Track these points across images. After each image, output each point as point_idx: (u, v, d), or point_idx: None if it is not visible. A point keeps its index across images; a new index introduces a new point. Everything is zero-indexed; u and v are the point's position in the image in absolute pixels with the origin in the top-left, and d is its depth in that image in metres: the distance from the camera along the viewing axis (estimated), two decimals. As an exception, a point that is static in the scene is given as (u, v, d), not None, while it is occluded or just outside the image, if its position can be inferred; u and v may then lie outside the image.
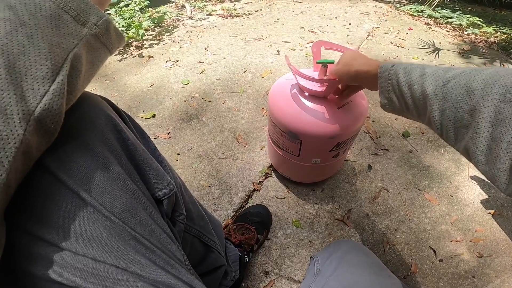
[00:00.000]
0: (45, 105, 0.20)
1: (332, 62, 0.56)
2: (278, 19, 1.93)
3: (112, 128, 0.27)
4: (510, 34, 1.96)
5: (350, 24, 1.89)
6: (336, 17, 2.00)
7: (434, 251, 0.74)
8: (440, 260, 0.73)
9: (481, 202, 0.85)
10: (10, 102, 0.18)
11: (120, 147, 0.28)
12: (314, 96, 0.58)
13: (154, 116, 1.12)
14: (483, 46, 1.79)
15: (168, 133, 1.04)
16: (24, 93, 0.19)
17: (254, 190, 0.86)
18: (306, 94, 0.59)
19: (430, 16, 2.20)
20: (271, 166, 0.90)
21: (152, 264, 0.26)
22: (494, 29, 1.97)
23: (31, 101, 0.19)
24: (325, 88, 0.54)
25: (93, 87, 1.32)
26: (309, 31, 1.76)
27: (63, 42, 0.22)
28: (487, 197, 0.87)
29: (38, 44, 0.20)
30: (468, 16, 2.15)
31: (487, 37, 1.91)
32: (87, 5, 0.24)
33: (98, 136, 0.25)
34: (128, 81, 1.35)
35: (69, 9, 0.23)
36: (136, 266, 0.25)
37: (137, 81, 1.34)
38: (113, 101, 0.32)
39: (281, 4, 2.26)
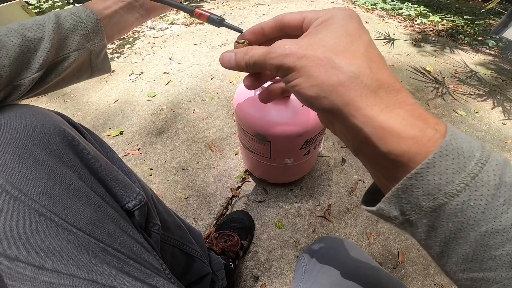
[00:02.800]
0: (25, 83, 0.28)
1: None
2: (242, 23, 1.94)
3: (68, 144, 0.27)
4: (455, 21, 2.13)
5: (311, 22, 1.95)
6: (297, 17, 2.05)
7: (418, 239, 0.76)
8: None
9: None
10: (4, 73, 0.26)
11: (80, 162, 0.27)
12: None
13: (121, 133, 1.07)
14: (433, 34, 1.94)
15: (139, 149, 1.00)
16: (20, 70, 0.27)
17: (233, 196, 0.85)
18: (270, 95, 0.59)
19: (382, 9, 2.33)
20: (247, 170, 0.90)
21: (125, 275, 0.26)
22: (440, 18, 2.13)
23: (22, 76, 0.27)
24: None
25: (53, 108, 1.23)
26: (272, 32, 1.78)
27: (64, 46, 0.30)
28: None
29: (46, 45, 0.28)
30: (415, 6, 2.31)
31: (435, 26, 2.07)
32: (100, 30, 0.33)
33: (53, 153, 0.25)
34: (90, 98, 1.28)
35: (85, 27, 0.32)
36: (108, 278, 0.25)
37: (100, 97, 1.27)
38: (76, 121, 0.32)
39: (244, 8, 2.27)
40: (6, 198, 0.23)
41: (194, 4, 2.38)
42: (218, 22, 0.32)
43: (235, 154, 0.96)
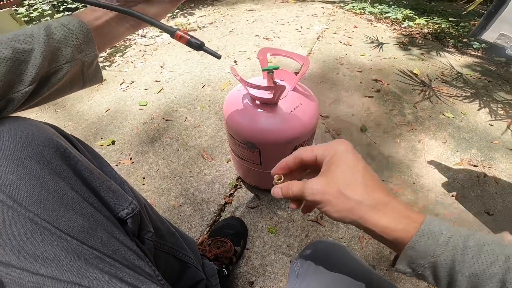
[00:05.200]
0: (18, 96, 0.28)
1: (277, 68, 0.57)
2: (233, 29, 1.97)
3: (61, 156, 0.27)
4: (440, 24, 2.19)
5: (301, 27, 1.98)
6: (288, 22, 2.08)
7: (411, 241, 0.77)
8: None
9: (442, 186, 0.90)
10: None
11: (73, 173, 0.28)
12: (266, 104, 0.60)
13: (113, 142, 1.07)
14: (419, 37, 1.98)
15: (131, 158, 1.00)
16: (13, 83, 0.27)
17: (226, 203, 0.85)
18: (258, 102, 0.60)
19: (370, 13, 2.38)
20: (239, 177, 0.91)
21: (118, 280, 0.27)
22: (426, 20, 2.19)
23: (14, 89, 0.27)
24: (273, 94, 0.56)
25: (43, 118, 1.23)
26: (263, 38, 1.81)
27: (56, 58, 0.30)
28: (447, 180, 0.92)
29: (37, 57, 0.28)
30: (402, 9, 2.37)
31: (422, 28, 2.12)
32: (91, 40, 0.33)
33: (46, 165, 0.26)
34: (81, 108, 1.27)
35: (76, 38, 0.32)
36: (101, 283, 0.26)
37: (91, 107, 1.27)
38: (67, 131, 0.33)
39: (235, 14, 2.30)
40: (1, 207, 0.23)
41: (185, 11, 2.40)
42: (197, 46, 0.33)
43: (227, 162, 0.97)
